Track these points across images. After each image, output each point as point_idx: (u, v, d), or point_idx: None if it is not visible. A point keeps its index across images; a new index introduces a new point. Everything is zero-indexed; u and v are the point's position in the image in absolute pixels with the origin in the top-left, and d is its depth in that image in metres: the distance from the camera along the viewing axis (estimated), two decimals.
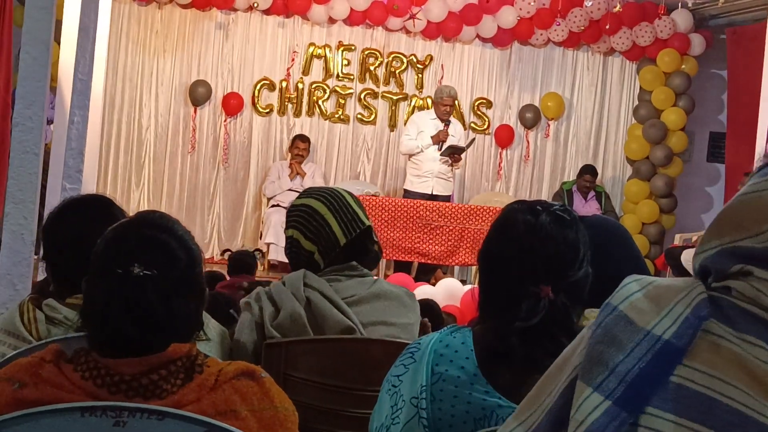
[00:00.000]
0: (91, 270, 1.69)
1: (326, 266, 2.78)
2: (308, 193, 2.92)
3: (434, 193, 9.16)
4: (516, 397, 1.80)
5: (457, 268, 9.34)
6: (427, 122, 9.27)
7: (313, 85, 10.33)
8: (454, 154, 9.10)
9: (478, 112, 10.68)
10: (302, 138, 10.05)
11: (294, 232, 2.81)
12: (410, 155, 9.35)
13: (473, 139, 9.74)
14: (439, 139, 9.12)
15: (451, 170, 9.34)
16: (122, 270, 1.62)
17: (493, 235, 1.98)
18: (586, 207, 10.06)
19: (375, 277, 2.87)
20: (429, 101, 10.36)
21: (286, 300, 2.66)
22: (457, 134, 9.30)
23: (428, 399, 1.83)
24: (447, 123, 9.20)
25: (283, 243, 10.46)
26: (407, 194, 9.25)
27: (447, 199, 9.27)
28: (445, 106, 9.17)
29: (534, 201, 1.99)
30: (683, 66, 10.47)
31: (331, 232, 2.77)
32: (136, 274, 1.62)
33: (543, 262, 1.87)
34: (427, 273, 9.03)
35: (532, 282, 1.86)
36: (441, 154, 9.11)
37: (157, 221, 1.74)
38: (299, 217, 2.82)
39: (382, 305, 2.76)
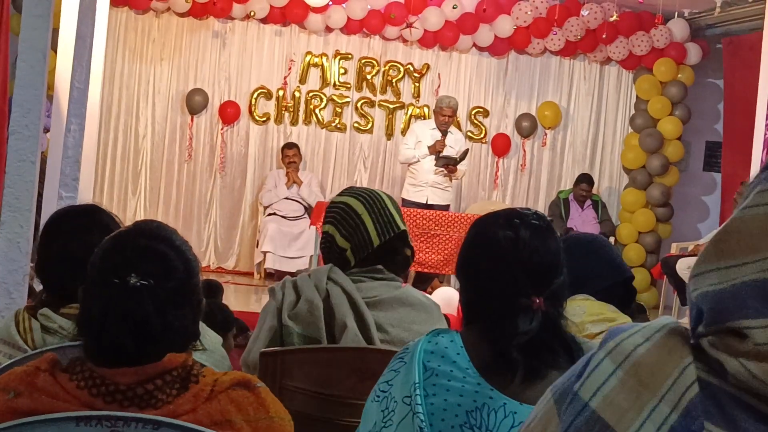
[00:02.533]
0: (88, 279, 1.68)
1: (356, 265, 2.80)
2: (349, 191, 2.94)
3: (429, 202, 9.18)
4: (514, 395, 1.86)
5: (453, 276, 9.33)
6: (426, 132, 9.29)
7: (310, 94, 10.34)
8: (447, 165, 9.12)
9: (475, 121, 10.69)
10: (288, 145, 10.05)
11: (330, 228, 2.83)
12: (408, 164, 9.37)
13: (466, 150, 9.75)
14: (435, 149, 9.13)
15: (449, 180, 9.35)
16: (119, 280, 1.62)
17: (474, 252, 2.02)
18: (582, 216, 10.07)
19: (404, 284, 2.88)
20: (426, 110, 10.38)
21: (307, 289, 2.69)
22: (456, 144, 9.30)
23: (421, 395, 1.84)
24: (445, 133, 9.20)
25: (280, 252, 10.44)
26: (404, 203, 9.27)
27: (444, 208, 9.27)
28: (444, 116, 9.18)
29: (507, 212, 2.03)
30: (679, 75, 10.49)
31: (366, 233, 2.79)
32: (132, 284, 1.61)
33: (530, 275, 1.92)
34: (424, 282, 9.02)
35: (522, 295, 1.90)
36: (435, 165, 9.12)
37: (154, 231, 1.73)
38: (337, 214, 2.84)
39: (406, 311, 2.77)
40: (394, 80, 10.48)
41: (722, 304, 0.87)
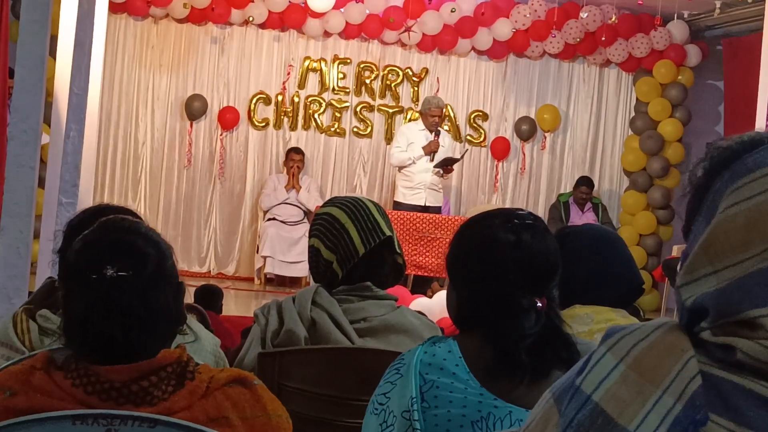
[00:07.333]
0: (65, 284, 1.68)
1: (344, 277, 2.67)
2: (331, 201, 2.81)
3: (427, 204, 9.12)
4: (518, 401, 1.83)
5: None
6: (416, 133, 9.22)
7: (309, 99, 10.34)
8: (447, 165, 9.10)
9: (474, 125, 10.69)
10: (297, 150, 10.07)
11: (315, 242, 2.70)
12: (401, 168, 9.33)
13: (467, 150, 9.70)
14: (431, 149, 9.07)
15: (440, 181, 9.35)
16: (96, 275, 1.61)
17: (472, 254, 1.96)
18: (582, 219, 10.05)
19: (398, 305, 2.72)
20: None
21: (289, 320, 2.58)
22: (446, 144, 9.28)
23: (419, 410, 1.82)
24: (437, 133, 9.17)
25: (279, 257, 10.38)
26: (398, 206, 9.18)
27: (438, 210, 9.25)
28: (434, 117, 9.12)
29: (503, 213, 2.00)
30: (679, 77, 10.49)
31: (350, 241, 2.65)
32: (110, 275, 1.60)
33: (532, 277, 1.90)
34: (423, 285, 9.00)
35: (524, 295, 1.87)
36: (435, 166, 9.08)
37: (119, 224, 1.72)
38: (321, 226, 2.71)
39: (399, 340, 2.61)
40: (393, 84, 10.48)
41: (729, 298, 0.88)
